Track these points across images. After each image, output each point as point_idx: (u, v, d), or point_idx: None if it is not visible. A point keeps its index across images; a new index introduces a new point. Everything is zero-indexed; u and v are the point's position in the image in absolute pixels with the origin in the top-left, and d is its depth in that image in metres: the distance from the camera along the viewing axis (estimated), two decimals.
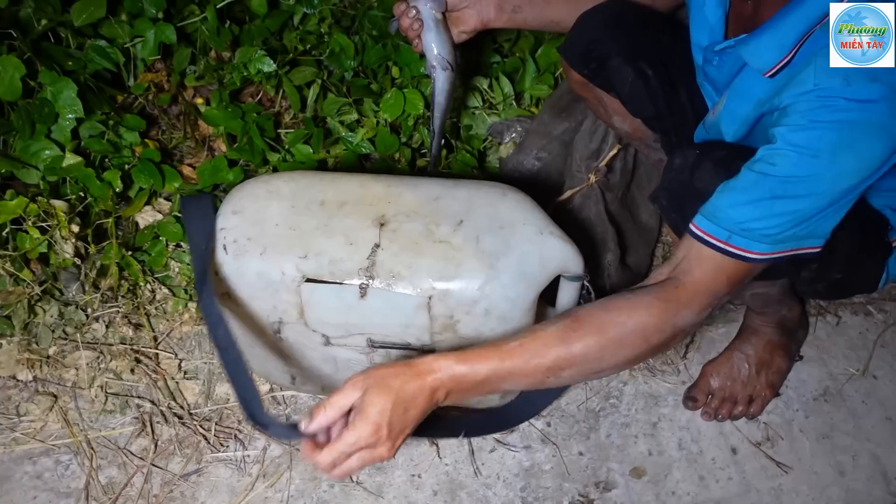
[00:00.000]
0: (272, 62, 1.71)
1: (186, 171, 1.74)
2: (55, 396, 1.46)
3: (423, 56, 1.34)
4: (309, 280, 1.12)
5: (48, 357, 1.50)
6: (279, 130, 1.79)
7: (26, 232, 1.45)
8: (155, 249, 1.59)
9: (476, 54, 1.83)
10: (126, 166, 1.62)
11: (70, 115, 1.59)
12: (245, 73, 1.73)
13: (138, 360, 1.50)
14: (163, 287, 1.59)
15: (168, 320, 1.58)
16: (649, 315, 0.95)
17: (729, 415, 1.51)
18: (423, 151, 1.77)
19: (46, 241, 1.46)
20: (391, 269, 1.12)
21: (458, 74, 1.40)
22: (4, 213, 1.43)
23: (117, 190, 1.59)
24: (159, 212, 1.66)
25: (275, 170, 1.69)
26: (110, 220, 1.55)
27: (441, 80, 1.34)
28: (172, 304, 1.58)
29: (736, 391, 1.51)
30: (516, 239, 1.15)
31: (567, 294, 1.25)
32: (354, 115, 1.74)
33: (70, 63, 1.67)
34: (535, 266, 1.14)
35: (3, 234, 1.47)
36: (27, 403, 1.45)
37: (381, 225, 1.17)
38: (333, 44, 1.78)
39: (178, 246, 1.62)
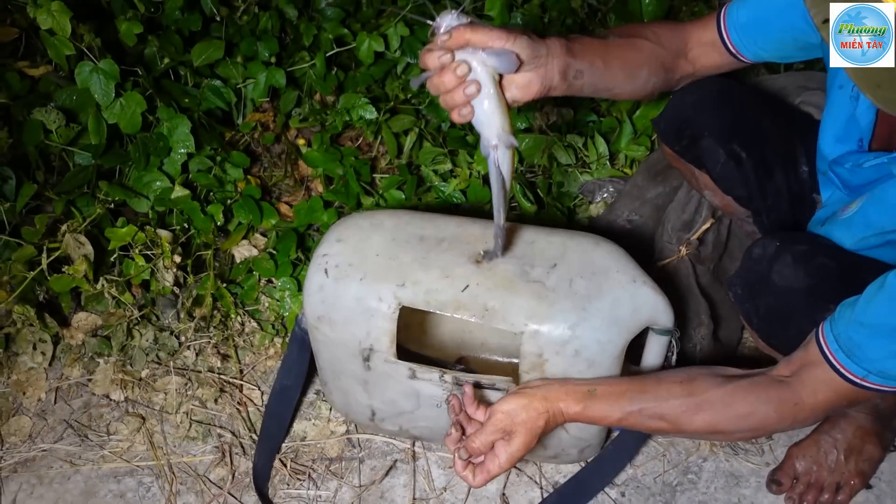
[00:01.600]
0: (374, 109, 1.77)
1: (283, 208, 1.80)
2: (143, 418, 1.51)
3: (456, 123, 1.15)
4: (404, 307, 1.15)
5: (140, 379, 1.56)
6: (374, 175, 1.84)
7: (132, 258, 1.53)
8: (248, 283, 1.65)
9: (572, 111, 1.83)
10: (228, 201, 1.70)
11: (182, 150, 1.68)
12: (347, 119, 1.79)
13: (223, 390, 1.54)
14: (252, 320, 1.64)
15: (254, 353, 1.62)
16: (766, 403, 1.00)
17: (814, 502, 1.43)
18: (513, 205, 1.78)
19: (150, 269, 1.53)
20: (485, 305, 1.14)
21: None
22: (115, 240, 1.51)
23: (218, 223, 1.66)
24: (255, 246, 1.72)
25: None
26: (210, 252, 1.61)
27: (507, 162, 1.05)
28: (260, 337, 1.62)
29: (823, 477, 1.43)
30: (609, 285, 1.16)
31: (654, 349, 1.25)
32: (448, 166, 1.76)
33: (186, 100, 1.76)
34: (626, 313, 1.15)
35: (112, 259, 1.56)
36: (117, 423, 1.51)
37: (477, 262, 1.19)
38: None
39: (269, 282, 1.67)
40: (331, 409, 1.52)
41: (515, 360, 1.42)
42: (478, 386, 1.19)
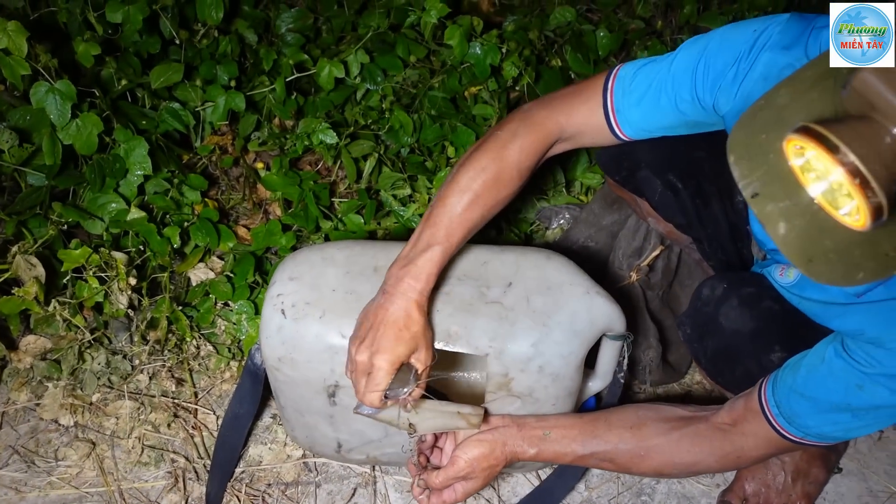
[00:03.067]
0: (335, 134, 1.78)
1: (241, 231, 1.80)
2: (94, 444, 1.48)
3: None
4: None
5: (91, 404, 1.53)
6: (333, 199, 1.85)
7: (86, 280, 1.51)
8: (204, 306, 1.64)
9: None
10: (185, 223, 1.69)
11: (139, 172, 1.67)
12: (307, 143, 1.80)
13: (177, 415, 1.52)
14: (208, 344, 1.63)
15: (210, 377, 1.60)
16: (710, 455, 1.08)
17: None
18: None
19: (104, 291, 1.51)
20: (447, 330, 1.15)
21: None
22: (69, 262, 1.49)
23: (175, 246, 1.64)
24: (211, 269, 1.71)
25: (326, 237, 1.74)
26: (165, 274, 1.60)
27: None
28: (215, 361, 1.61)
29: (770, 498, 1.48)
30: (565, 298, 1.19)
31: (608, 353, 1.30)
32: (407, 190, 1.79)
33: (144, 122, 1.76)
34: (584, 324, 1.18)
35: (64, 281, 1.53)
36: (66, 448, 1.48)
37: (436, 288, 1.20)
38: (394, 120, 1.85)
39: (225, 305, 1.66)
40: (287, 434, 1.51)
41: (475, 375, 1.44)
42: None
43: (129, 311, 1.56)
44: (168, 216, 1.70)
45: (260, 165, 1.92)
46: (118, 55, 1.83)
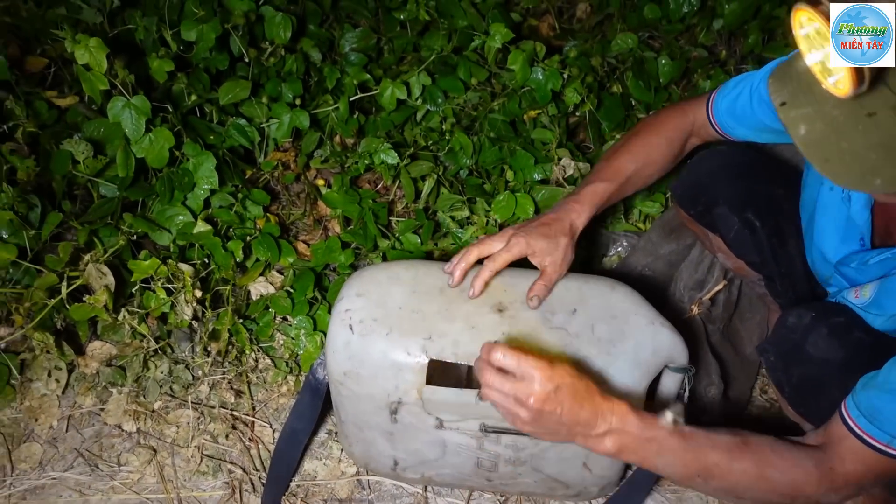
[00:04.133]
0: (396, 155, 1.81)
1: (301, 247, 1.83)
2: (154, 450, 1.52)
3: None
4: (433, 360, 1.17)
5: (153, 411, 1.57)
6: (391, 218, 1.87)
7: (154, 291, 1.55)
8: (263, 320, 1.67)
9: (588, 164, 1.88)
10: (248, 238, 1.72)
11: (206, 186, 1.71)
12: (369, 162, 1.83)
13: (235, 427, 1.55)
14: (266, 357, 1.66)
15: (267, 390, 1.63)
16: (806, 480, 0.99)
17: None
18: None
19: (170, 302, 1.55)
20: None
21: None
22: (138, 272, 1.53)
23: (238, 260, 1.68)
24: (271, 283, 1.74)
25: (384, 256, 1.76)
26: (228, 287, 1.64)
27: None
28: (273, 374, 1.64)
29: None
30: (630, 328, 1.19)
31: (668, 385, 1.28)
32: (466, 213, 1.80)
33: (211, 137, 1.80)
34: (648, 354, 1.18)
35: (131, 290, 1.58)
36: (128, 454, 1.52)
37: (500, 311, 1.21)
38: (454, 142, 1.87)
39: (284, 319, 1.69)
40: (342, 450, 1.53)
41: None
42: (505, 432, 1.21)
43: (193, 321, 1.60)
44: (231, 230, 1.74)
45: (320, 182, 1.95)
46: (189, 71, 1.89)
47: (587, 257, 1.84)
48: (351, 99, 1.93)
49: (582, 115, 1.95)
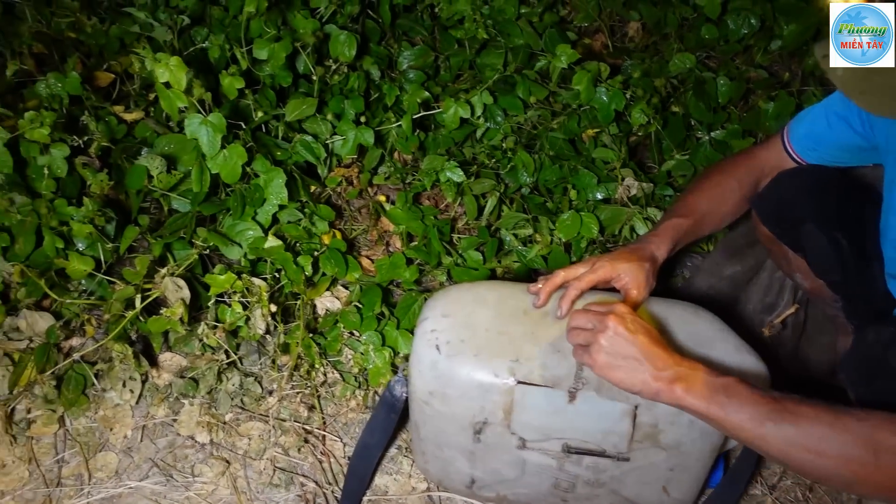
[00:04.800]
0: (462, 173, 1.83)
1: (364, 262, 1.86)
2: (227, 462, 1.54)
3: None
4: (521, 382, 1.18)
5: (224, 423, 1.60)
6: (452, 235, 1.89)
7: (229, 305, 1.58)
8: (332, 334, 1.69)
9: (652, 185, 1.89)
10: (315, 253, 1.75)
11: (275, 202, 1.74)
12: (435, 179, 1.85)
13: (307, 440, 1.57)
14: (334, 371, 1.68)
15: (336, 404, 1.65)
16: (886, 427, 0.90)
17: None
18: None
19: (245, 316, 1.58)
20: (600, 379, 1.16)
21: None
22: (215, 286, 1.56)
23: (307, 274, 1.71)
24: (337, 298, 1.76)
25: (448, 273, 1.78)
26: (299, 302, 1.66)
27: None
28: (341, 388, 1.66)
29: None
30: (717, 354, 1.19)
31: None
32: (529, 231, 1.82)
33: (279, 153, 1.84)
34: None
35: (205, 304, 1.60)
36: (202, 465, 1.54)
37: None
38: (516, 160, 1.89)
39: (351, 334, 1.71)
40: (412, 465, 1.54)
41: None
42: (587, 453, 1.23)
43: (266, 336, 1.62)
44: (298, 245, 1.76)
45: (382, 198, 1.98)
46: (255, 88, 1.92)
47: None
48: (414, 116, 1.95)
49: (643, 134, 1.97)
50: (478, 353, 1.22)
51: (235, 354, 1.65)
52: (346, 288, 1.80)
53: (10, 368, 1.60)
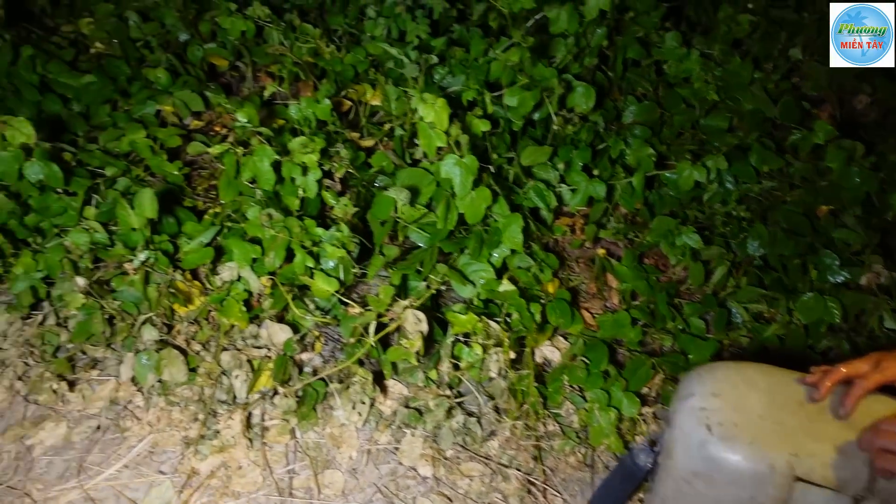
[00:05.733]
0: (699, 239, 1.80)
1: (585, 315, 1.85)
2: (450, 500, 1.56)
3: None
4: (801, 479, 1.13)
5: (446, 458, 1.62)
6: (675, 299, 1.86)
7: (468, 345, 1.61)
8: (554, 385, 1.69)
9: None
10: (541, 301, 1.76)
11: (510, 245, 1.77)
12: (670, 242, 1.83)
13: (529, 491, 1.57)
14: (555, 423, 1.67)
15: (554, 457, 1.65)
16: None
17: None
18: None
19: (482, 359, 1.60)
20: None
21: None
22: (458, 325, 1.60)
23: (537, 322, 1.72)
24: (557, 348, 1.77)
25: (673, 336, 1.75)
26: (528, 349, 1.67)
27: None
28: (560, 442, 1.65)
29: None
30: None
31: None
32: (763, 307, 1.76)
33: (514, 197, 1.86)
34: None
35: (444, 340, 1.64)
36: (423, 498, 1.57)
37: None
38: (752, 232, 1.84)
39: (572, 388, 1.71)
40: None
41: None
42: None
43: (501, 380, 1.64)
44: (526, 291, 1.78)
45: (601, 252, 1.97)
46: (494, 132, 1.97)
47: None
48: (647, 174, 1.94)
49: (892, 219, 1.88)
50: (753, 441, 1.18)
51: (458, 392, 1.68)
52: (566, 339, 1.80)
53: (249, 374, 1.69)
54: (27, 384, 1.68)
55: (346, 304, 1.74)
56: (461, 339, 1.63)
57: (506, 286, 1.71)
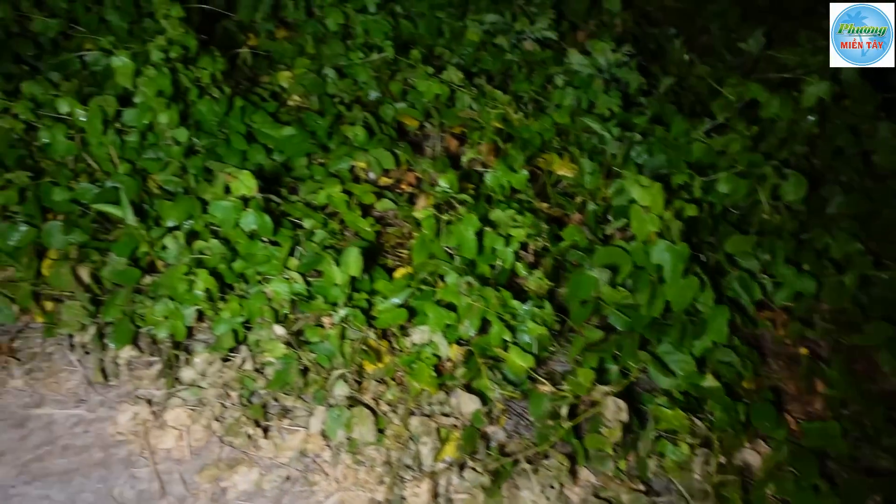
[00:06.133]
0: None
1: (789, 420, 1.74)
2: None
3: None
4: None
5: None
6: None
7: (675, 444, 1.53)
8: (758, 494, 1.58)
9: None
10: (744, 400, 1.67)
11: (713, 338, 1.69)
12: (890, 350, 1.70)
13: None
14: None
15: None
16: None
17: None
18: None
19: (688, 458, 1.52)
20: None
21: None
22: (664, 420, 1.53)
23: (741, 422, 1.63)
24: (757, 451, 1.66)
25: (892, 456, 1.61)
26: (733, 453, 1.58)
27: None
28: None
29: None
30: None
31: None
32: None
33: (723, 287, 1.79)
34: None
35: (645, 433, 1.58)
36: None
37: None
38: None
39: (775, 497, 1.60)
40: None
41: None
42: None
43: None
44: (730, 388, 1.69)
45: (804, 351, 1.86)
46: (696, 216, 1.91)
47: None
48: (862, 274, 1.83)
49: None
50: None
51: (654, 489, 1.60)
52: (765, 442, 1.69)
53: (437, 442, 1.67)
54: (223, 426, 1.73)
55: (533, 381, 1.71)
56: (664, 434, 1.56)
57: (710, 381, 1.64)
